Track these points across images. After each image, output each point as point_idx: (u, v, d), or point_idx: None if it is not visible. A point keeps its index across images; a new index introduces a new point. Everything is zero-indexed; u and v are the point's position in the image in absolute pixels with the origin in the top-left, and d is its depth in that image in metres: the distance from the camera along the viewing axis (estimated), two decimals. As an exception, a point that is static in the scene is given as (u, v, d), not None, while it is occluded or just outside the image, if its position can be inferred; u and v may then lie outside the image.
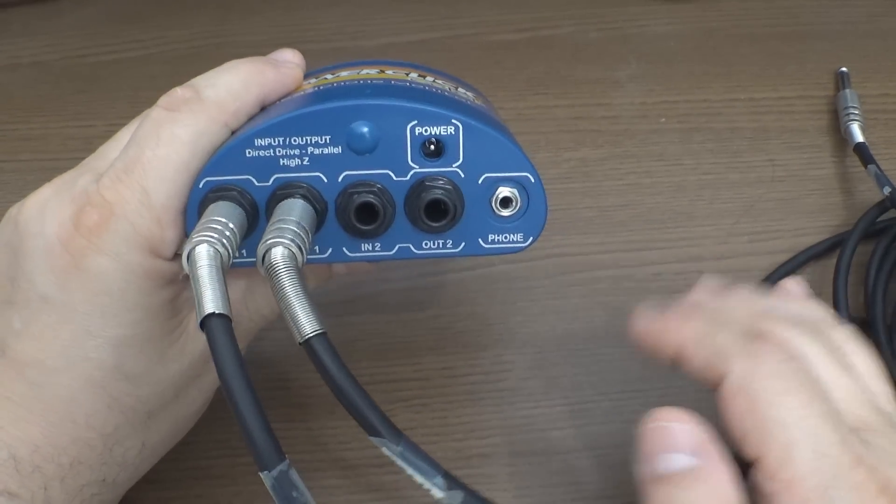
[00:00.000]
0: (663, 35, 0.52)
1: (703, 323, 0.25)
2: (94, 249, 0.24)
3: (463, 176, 0.25)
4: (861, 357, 0.26)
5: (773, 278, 0.39)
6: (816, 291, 0.39)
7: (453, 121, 0.25)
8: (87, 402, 0.25)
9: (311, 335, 0.22)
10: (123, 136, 0.28)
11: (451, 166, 0.25)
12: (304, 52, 0.30)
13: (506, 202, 0.26)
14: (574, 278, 0.39)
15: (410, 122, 0.25)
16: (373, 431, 0.22)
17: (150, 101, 0.47)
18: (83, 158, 0.45)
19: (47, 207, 0.25)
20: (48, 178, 0.44)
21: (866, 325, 0.37)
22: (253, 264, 0.25)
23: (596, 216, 0.42)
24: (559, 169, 0.44)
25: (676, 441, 0.22)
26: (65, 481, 0.25)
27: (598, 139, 0.46)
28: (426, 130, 0.25)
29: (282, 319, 0.23)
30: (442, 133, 0.25)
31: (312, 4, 0.54)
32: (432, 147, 0.25)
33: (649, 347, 0.26)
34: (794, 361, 0.23)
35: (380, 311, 0.38)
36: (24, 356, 0.25)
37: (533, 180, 0.25)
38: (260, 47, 0.52)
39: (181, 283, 0.27)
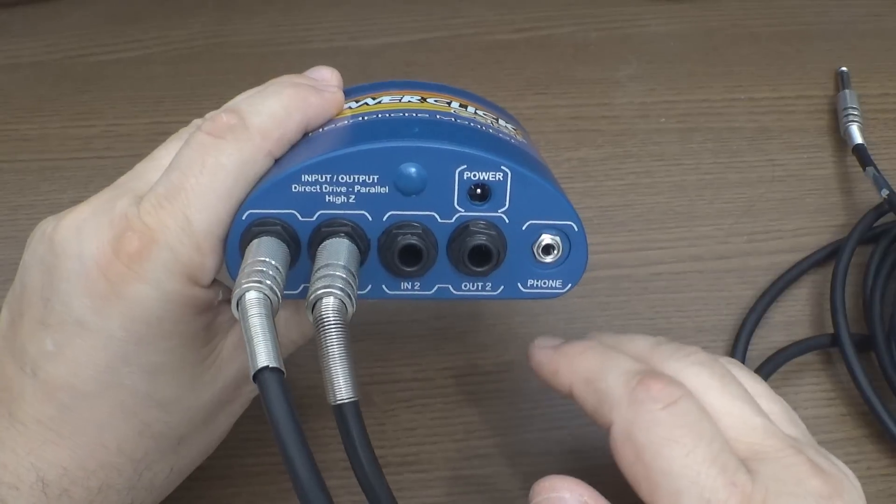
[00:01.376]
0: (663, 35, 0.52)
1: (594, 363, 0.25)
2: (133, 276, 0.24)
3: (507, 221, 0.25)
4: (751, 380, 0.26)
5: (774, 288, 0.39)
6: (817, 300, 0.39)
7: (503, 167, 0.24)
8: (118, 427, 0.25)
9: (346, 402, 0.22)
10: (161, 155, 0.27)
11: (497, 211, 0.25)
12: (303, 53, 0.30)
13: (548, 249, 0.25)
14: (574, 278, 0.39)
15: (460, 166, 0.24)
16: (375, 503, 0.22)
17: (150, 101, 0.48)
18: (83, 158, 0.46)
19: (85, 229, 0.24)
20: (48, 178, 0.44)
21: (865, 337, 0.37)
22: (291, 297, 0.25)
23: (596, 216, 0.42)
24: (559, 169, 0.44)
25: None
26: None
27: (598, 139, 0.46)
28: (475, 175, 0.24)
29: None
30: (490, 179, 0.24)
31: (312, 4, 0.54)
32: (479, 191, 0.25)
33: (544, 381, 0.27)
34: (677, 405, 0.23)
35: (381, 312, 0.38)
36: (56, 379, 0.24)
37: (576, 229, 0.25)
38: (260, 47, 0.52)
39: (216, 308, 0.26)
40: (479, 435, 0.35)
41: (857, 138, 0.43)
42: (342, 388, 0.22)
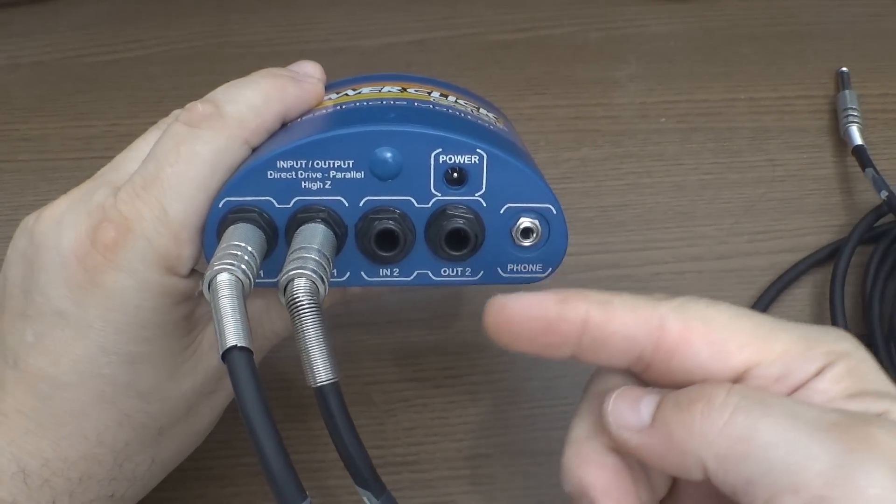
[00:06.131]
0: (663, 35, 0.52)
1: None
2: (110, 266, 0.24)
3: (485, 205, 0.25)
4: None
5: (774, 288, 0.39)
6: (817, 300, 0.39)
7: (478, 150, 0.24)
8: (98, 417, 0.25)
9: (325, 383, 0.22)
10: (140, 146, 0.27)
11: (474, 195, 0.25)
12: (303, 53, 0.30)
13: (527, 233, 0.25)
14: (574, 278, 0.39)
15: (435, 149, 0.24)
16: (361, 483, 0.22)
17: (150, 101, 0.48)
18: (83, 158, 0.46)
19: (63, 221, 0.25)
20: (48, 179, 0.44)
21: (865, 337, 0.37)
22: (270, 285, 0.25)
23: (596, 216, 0.42)
24: (559, 169, 0.44)
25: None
26: (73, 496, 0.25)
27: (598, 139, 0.46)
28: (450, 159, 0.24)
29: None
30: (466, 162, 0.24)
31: (312, 4, 0.54)
32: (455, 175, 0.25)
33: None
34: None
35: (381, 312, 0.38)
36: (37, 370, 0.24)
37: (555, 212, 0.25)
38: (260, 47, 0.52)
39: (196, 299, 0.26)
40: (479, 435, 0.34)
41: (857, 139, 0.43)
42: (321, 371, 0.22)
